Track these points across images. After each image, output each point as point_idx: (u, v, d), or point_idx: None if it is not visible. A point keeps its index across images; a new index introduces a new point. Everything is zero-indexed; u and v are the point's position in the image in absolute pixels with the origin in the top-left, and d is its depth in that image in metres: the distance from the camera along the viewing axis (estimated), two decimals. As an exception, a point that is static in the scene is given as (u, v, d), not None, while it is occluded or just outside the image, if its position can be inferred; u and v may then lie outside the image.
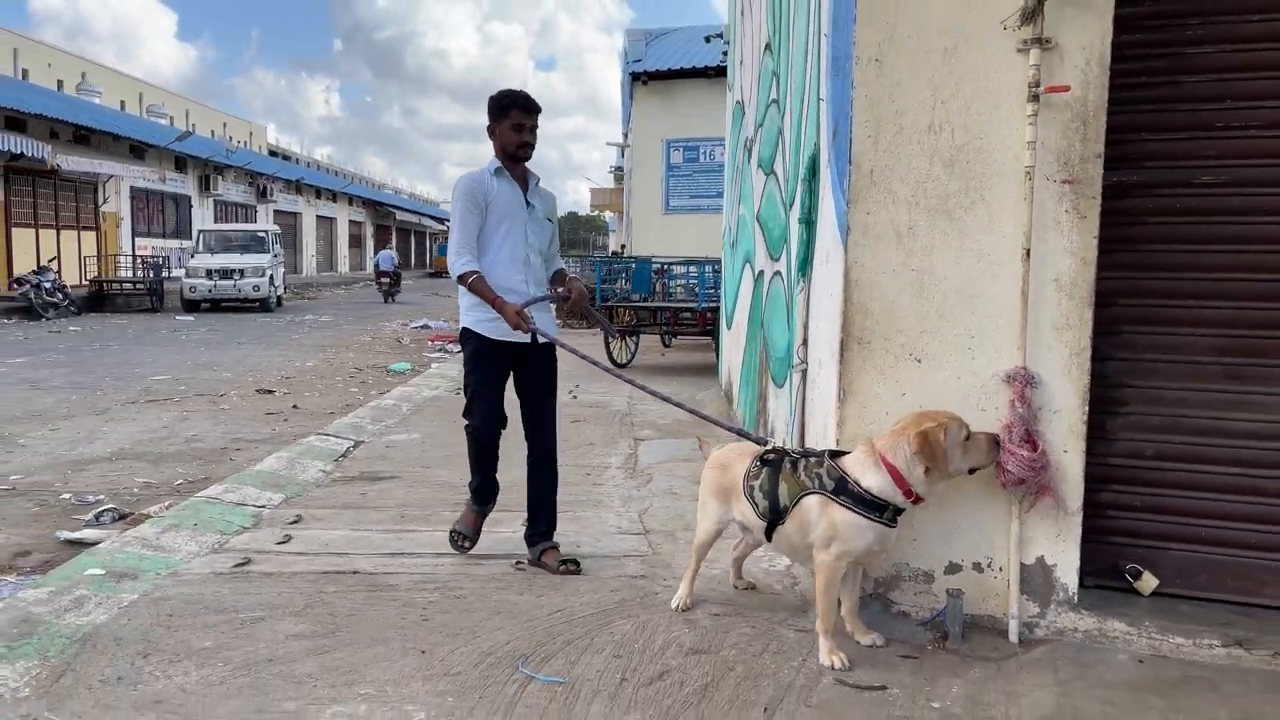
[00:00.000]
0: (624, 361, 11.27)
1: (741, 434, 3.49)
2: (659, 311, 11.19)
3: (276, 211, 39.09)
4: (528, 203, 3.84)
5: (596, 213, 61.47)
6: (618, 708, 2.61)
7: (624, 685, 2.75)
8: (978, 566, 3.13)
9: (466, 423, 3.91)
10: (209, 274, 21.77)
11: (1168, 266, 3.14)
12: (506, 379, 3.90)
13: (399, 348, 15.22)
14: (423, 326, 19.20)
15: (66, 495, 5.66)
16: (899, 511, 2.85)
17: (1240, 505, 3.13)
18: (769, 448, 3.23)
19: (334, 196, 47.69)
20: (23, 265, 22.88)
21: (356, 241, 52.06)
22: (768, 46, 5.65)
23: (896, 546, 3.15)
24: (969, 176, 3.06)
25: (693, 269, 11.42)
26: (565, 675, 2.80)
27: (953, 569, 3.14)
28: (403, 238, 61.82)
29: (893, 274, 3.13)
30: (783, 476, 3.01)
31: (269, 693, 2.67)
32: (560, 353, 3.86)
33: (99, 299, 21.87)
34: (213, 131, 49.47)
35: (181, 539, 4.00)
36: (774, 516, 3.01)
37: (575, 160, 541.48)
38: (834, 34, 3.48)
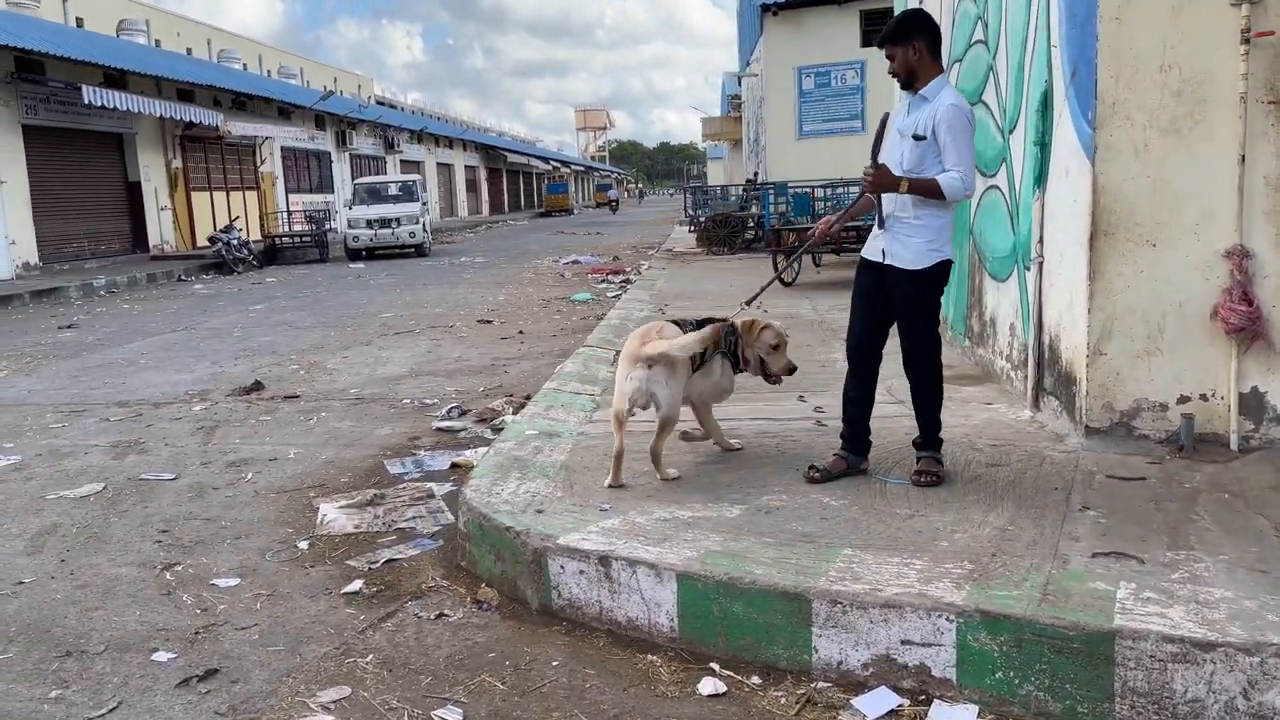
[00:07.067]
0: (790, 281, 12.37)
1: None
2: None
3: (403, 161, 41.01)
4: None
5: (699, 143, 61.76)
6: (957, 491, 3.80)
7: (955, 480, 3.94)
8: (1203, 397, 4.19)
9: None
10: (369, 224, 23.45)
11: (1352, 162, 4.07)
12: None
13: (564, 281, 16.60)
14: (573, 261, 20.58)
15: (406, 400, 7.14)
16: None
17: None
18: None
19: (450, 143, 49.45)
20: (202, 225, 25.16)
21: (472, 186, 53.89)
22: (967, -7, 6.58)
23: (1135, 385, 4.24)
24: (1193, 103, 4.04)
25: (854, 190, 12.35)
26: (902, 478, 4.00)
27: (1183, 400, 4.21)
28: (512, 179, 63.53)
29: (1131, 181, 4.16)
30: None
31: (715, 489, 3.96)
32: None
33: (272, 252, 23.81)
34: (325, 87, 51.74)
35: (562, 414, 5.36)
36: None
37: (658, 89, 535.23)
38: (1070, -5, 4.45)
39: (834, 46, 18.40)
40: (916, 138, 3.83)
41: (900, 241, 3.92)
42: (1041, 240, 4.92)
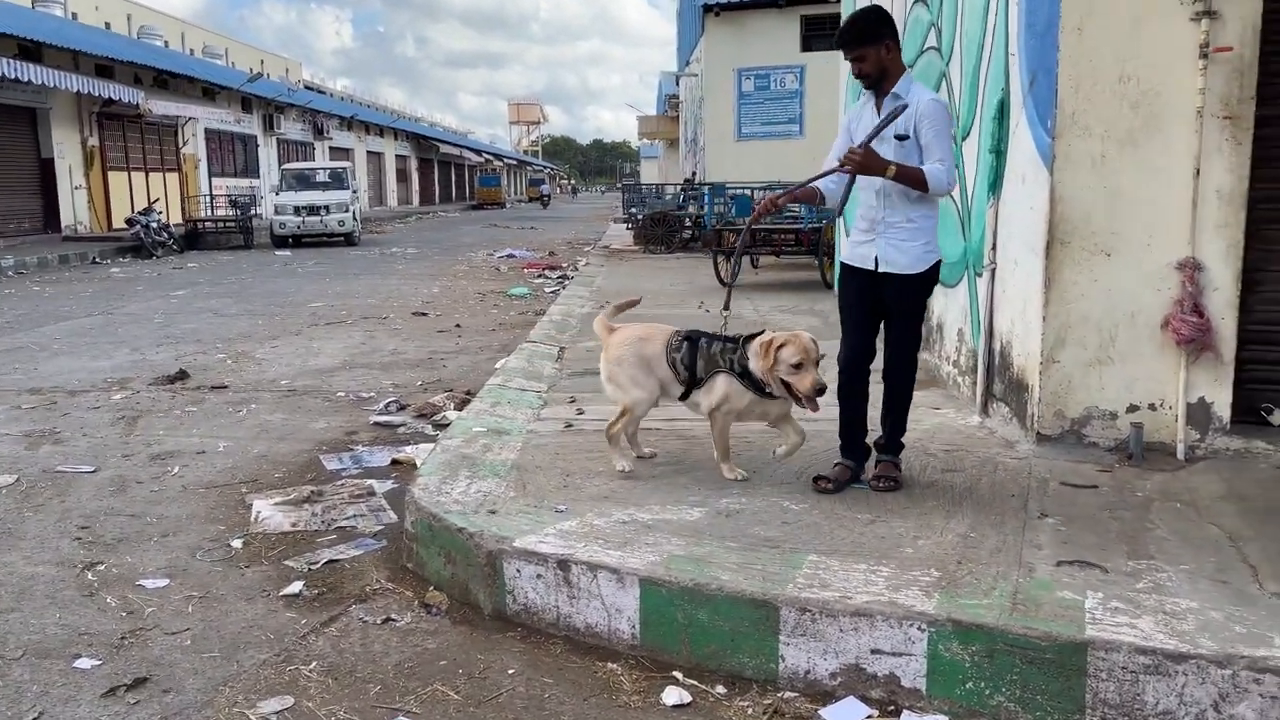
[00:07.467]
0: (731, 281, 12.33)
1: None
2: (770, 234, 12.13)
3: (332, 148, 40.04)
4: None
5: (634, 141, 61.74)
6: (915, 496, 3.78)
7: (912, 485, 3.91)
8: (1152, 406, 4.25)
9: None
10: (297, 210, 22.75)
11: (1298, 179, 4.16)
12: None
13: (500, 275, 16.35)
14: (508, 255, 20.31)
15: (341, 393, 6.90)
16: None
17: (1349, 357, 4.20)
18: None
19: (381, 131, 48.46)
20: (119, 207, 24.16)
21: (403, 176, 52.90)
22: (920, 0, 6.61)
23: (1086, 393, 4.27)
24: (1150, 115, 4.09)
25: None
26: (860, 482, 3.96)
27: (1132, 409, 4.26)
28: (444, 170, 62.58)
29: (1088, 190, 4.19)
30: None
31: (673, 490, 3.87)
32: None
33: (194, 237, 22.91)
34: (251, 69, 50.26)
35: (510, 411, 5.21)
36: None
37: (593, 85, 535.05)
38: (1029, 5, 4.47)
39: (775, 50, 18.50)
40: (899, 137, 3.74)
41: (895, 247, 3.84)
42: (995, 247, 4.94)
